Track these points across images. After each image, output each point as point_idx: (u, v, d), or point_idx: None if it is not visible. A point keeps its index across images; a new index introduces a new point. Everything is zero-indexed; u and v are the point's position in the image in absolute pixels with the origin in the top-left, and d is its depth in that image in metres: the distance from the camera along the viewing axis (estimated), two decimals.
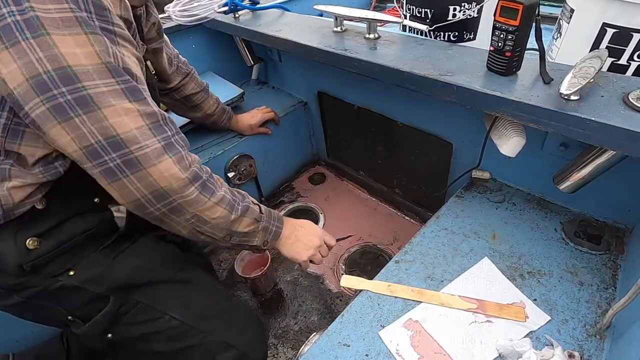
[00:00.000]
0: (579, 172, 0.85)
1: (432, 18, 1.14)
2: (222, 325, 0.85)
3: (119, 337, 0.77)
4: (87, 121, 0.54)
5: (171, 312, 0.79)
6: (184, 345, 0.80)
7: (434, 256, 0.95)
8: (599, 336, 0.76)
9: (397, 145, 1.39)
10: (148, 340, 0.79)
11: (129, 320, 0.77)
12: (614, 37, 0.88)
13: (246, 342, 0.87)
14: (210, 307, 0.85)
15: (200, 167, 0.68)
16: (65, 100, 0.52)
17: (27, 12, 0.49)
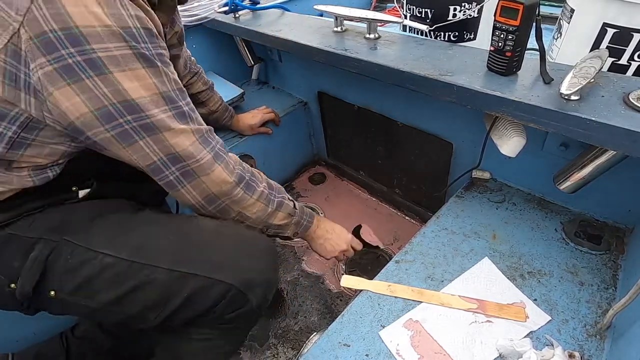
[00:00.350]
0: (579, 172, 0.85)
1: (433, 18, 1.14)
2: (178, 254, 0.69)
3: (62, 295, 0.66)
4: (152, 144, 0.63)
5: (104, 249, 0.66)
6: (129, 286, 0.66)
7: (434, 256, 0.95)
8: (599, 336, 0.76)
9: (397, 145, 1.39)
10: (91, 291, 0.66)
11: (62, 267, 0.65)
12: (614, 37, 0.88)
13: (220, 268, 0.70)
14: (154, 236, 0.70)
15: (242, 168, 0.77)
16: (131, 126, 0.59)
17: (87, 53, 0.52)
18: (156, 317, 0.70)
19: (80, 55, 0.52)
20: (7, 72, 0.52)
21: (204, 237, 0.72)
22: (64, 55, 0.51)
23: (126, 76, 0.56)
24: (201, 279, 0.68)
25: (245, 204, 0.76)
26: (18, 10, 0.49)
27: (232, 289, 0.69)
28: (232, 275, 0.70)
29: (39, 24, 0.49)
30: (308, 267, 1.38)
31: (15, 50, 0.51)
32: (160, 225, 0.72)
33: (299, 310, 1.24)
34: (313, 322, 1.21)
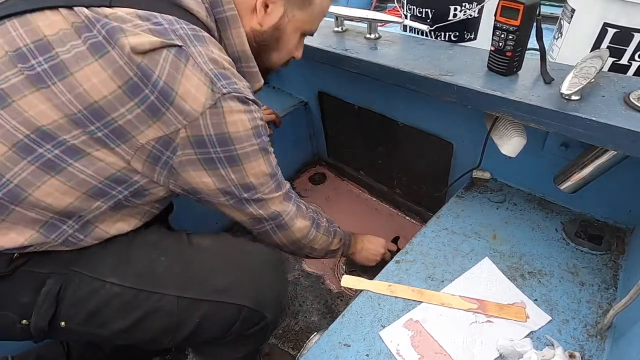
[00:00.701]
0: (580, 172, 0.85)
1: (433, 18, 1.14)
2: (183, 279, 0.70)
3: (73, 325, 0.66)
4: (259, 209, 0.75)
5: (110, 278, 0.67)
6: (138, 315, 0.67)
7: (435, 256, 0.95)
8: (599, 336, 0.76)
9: (397, 145, 1.39)
10: (101, 321, 0.67)
11: (71, 298, 0.65)
12: (615, 37, 0.88)
13: (229, 290, 0.70)
14: (157, 262, 0.70)
15: (310, 209, 0.90)
16: (245, 199, 0.72)
17: (230, 152, 0.65)
18: (170, 341, 0.71)
19: (224, 153, 0.64)
20: (152, 154, 0.61)
21: (210, 259, 0.74)
22: (210, 151, 0.63)
23: (250, 165, 0.68)
24: (211, 304, 0.70)
25: (316, 240, 0.90)
26: (187, 117, 0.59)
27: (244, 309, 0.71)
28: (242, 295, 0.71)
29: (200, 129, 0.60)
30: (308, 267, 1.38)
31: (168, 141, 0.60)
32: (164, 249, 0.72)
33: (299, 310, 1.24)
34: (313, 322, 1.21)
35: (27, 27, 0.55)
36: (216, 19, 0.68)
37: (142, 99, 0.56)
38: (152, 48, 0.55)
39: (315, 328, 1.19)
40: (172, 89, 0.56)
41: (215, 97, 0.59)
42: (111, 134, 0.58)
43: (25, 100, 0.54)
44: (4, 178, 0.56)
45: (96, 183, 0.61)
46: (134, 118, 0.57)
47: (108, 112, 0.56)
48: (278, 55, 0.79)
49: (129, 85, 0.55)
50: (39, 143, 0.56)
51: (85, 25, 0.55)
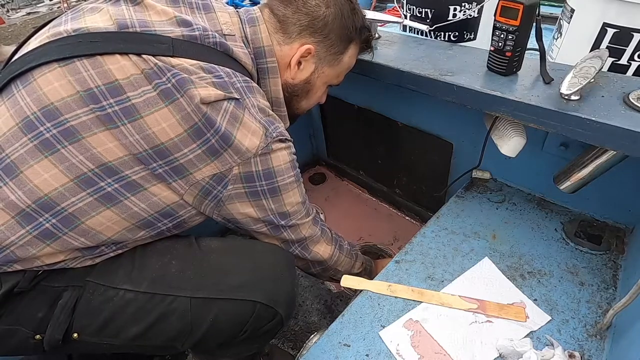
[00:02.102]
0: (580, 172, 0.85)
1: (433, 18, 1.14)
2: (197, 280, 0.71)
3: (85, 337, 0.67)
4: (292, 234, 0.82)
5: (123, 285, 0.68)
6: (152, 319, 0.68)
7: (434, 256, 0.95)
8: (599, 336, 0.76)
9: (397, 145, 1.39)
10: (114, 330, 0.68)
11: (84, 309, 0.66)
12: (614, 37, 0.88)
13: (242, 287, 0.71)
14: (170, 265, 0.72)
15: (337, 234, 0.96)
16: (282, 225, 0.78)
17: (273, 183, 0.71)
18: (183, 345, 0.72)
19: (267, 185, 0.71)
20: (204, 188, 0.67)
21: (220, 259, 0.75)
22: (256, 185, 0.70)
23: (287, 195, 0.75)
24: (224, 302, 0.71)
25: (339, 261, 0.94)
26: (241, 156, 0.65)
27: (258, 305, 0.72)
28: (255, 292, 0.72)
29: (250, 166, 0.67)
30: None
31: (221, 177, 0.66)
32: (174, 254, 0.74)
33: (299, 310, 1.24)
34: (313, 322, 1.21)
35: (99, 69, 0.58)
36: (257, 68, 0.77)
37: (204, 141, 0.62)
38: (216, 100, 0.62)
39: (315, 328, 1.19)
40: (231, 134, 0.63)
41: (268, 141, 0.67)
42: (171, 171, 0.63)
43: (95, 137, 0.58)
44: (59, 206, 0.60)
45: (146, 216, 0.66)
46: (194, 157, 0.63)
47: (172, 152, 0.62)
48: (307, 104, 0.91)
49: (194, 129, 0.61)
50: (101, 177, 0.60)
51: (154, 72, 0.59)
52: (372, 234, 1.49)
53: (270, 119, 0.70)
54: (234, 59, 0.70)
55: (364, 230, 1.50)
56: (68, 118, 0.57)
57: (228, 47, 0.69)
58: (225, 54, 0.69)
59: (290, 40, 0.77)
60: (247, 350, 0.82)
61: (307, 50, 0.77)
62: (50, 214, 0.60)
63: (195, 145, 0.62)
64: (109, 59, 0.59)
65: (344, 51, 0.83)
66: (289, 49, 0.78)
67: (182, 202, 0.68)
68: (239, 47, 0.72)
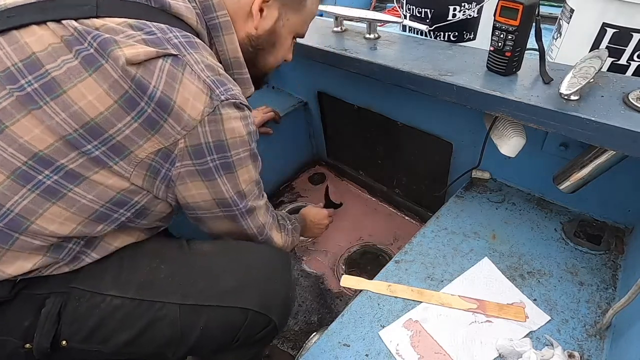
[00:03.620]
0: (579, 172, 0.85)
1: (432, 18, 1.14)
2: (186, 286, 0.68)
3: (74, 344, 0.64)
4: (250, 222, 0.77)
5: (110, 291, 0.65)
6: (141, 325, 0.65)
7: (434, 256, 0.95)
8: (599, 336, 0.76)
9: (397, 145, 1.39)
10: (103, 337, 0.65)
11: (71, 316, 0.64)
12: (614, 37, 0.88)
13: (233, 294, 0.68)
14: (159, 270, 0.68)
15: (280, 216, 0.93)
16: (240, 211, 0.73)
17: (226, 158, 0.64)
18: (174, 354, 0.69)
19: (220, 159, 0.64)
20: (151, 167, 0.61)
21: (212, 263, 0.72)
22: (207, 160, 0.63)
23: (242, 172, 0.69)
24: (215, 309, 0.67)
25: (286, 243, 0.90)
26: (185, 127, 0.58)
27: (250, 312, 0.69)
28: (246, 298, 0.69)
29: (198, 138, 0.60)
30: (308, 267, 1.38)
31: (166, 153, 0.60)
32: (164, 257, 0.70)
33: (299, 310, 1.24)
34: (313, 322, 1.21)
35: (15, 44, 0.52)
36: (208, 26, 0.68)
37: (139, 112, 0.55)
38: (147, 58, 0.54)
39: (315, 328, 1.19)
40: (169, 98, 0.55)
41: (214, 105, 0.59)
42: (109, 152, 0.57)
43: (18, 125, 0.52)
44: (4, 207, 0.54)
45: (98, 207, 0.60)
46: (132, 133, 0.56)
47: (105, 129, 0.55)
48: (274, 59, 0.80)
49: (125, 98, 0.54)
50: (37, 170, 0.55)
51: (75, 38, 0.53)
52: (372, 234, 1.49)
53: (222, 78, 0.62)
54: (172, 15, 0.62)
55: (364, 230, 1.50)
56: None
57: (164, 1, 0.61)
58: (162, 9, 0.61)
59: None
60: (242, 356, 0.80)
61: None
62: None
63: (130, 117, 0.55)
64: (25, 31, 0.53)
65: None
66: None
67: (133, 187, 0.61)
68: (180, 2, 0.63)
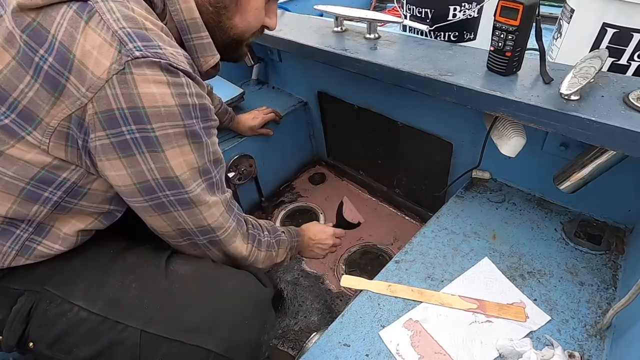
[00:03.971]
0: (579, 172, 0.85)
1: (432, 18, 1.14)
2: (152, 311, 0.62)
3: (40, 348, 0.63)
4: (186, 216, 0.63)
5: (79, 302, 0.61)
6: (102, 344, 0.61)
7: (434, 256, 0.95)
8: (599, 336, 0.76)
9: (397, 145, 1.39)
10: (66, 346, 0.62)
11: (40, 319, 0.62)
12: (614, 37, 0.88)
13: (197, 330, 0.62)
14: (131, 288, 0.64)
15: (251, 226, 0.80)
16: (169, 200, 0.60)
17: (146, 131, 0.53)
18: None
19: (139, 132, 0.53)
20: (69, 136, 0.53)
21: (184, 291, 0.65)
22: (123, 131, 0.52)
23: (174, 153, 0.57)
24: (175, 344, 0.61)
25: (258, 259, 0.79)
26: (90, 87, 0.49)
27: (211, 354, 0.61)
28: (210, 338, 0.62)
29: (109, 101, 0.50)
30: (308, 267, 1.38)
31: (78, 121, 0.52)
32: (138, 275, 0.65)
33: (299, 310, 1.24)
34: (313, 322, 1.21)
35: None
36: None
37: (36, 69, 0.48)
38: (48, 3, 0.47)
39: (315, 328, 1.19)
40: (68, 51, 0.47)
41: (123, 61, 0.49)
42: (18, 119, 0.51)
43: None
44: None
45: (24, 185, 0.56)
46: (35, 95, 0.49)
47: (8, 92, 0.49)
48: (243, 19, 0.67)
49: (22, 53, 0.47)
50: None
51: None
52: (372, 234, 1.49)
53: (146, 33, 0.52)
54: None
55: (364, 230, 1.50)
56: None
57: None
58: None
59: None
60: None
61: None
62: None
63: (29, 76, 0.48)
64: None
65: None
66: None
67: (57, 161, 0.55)
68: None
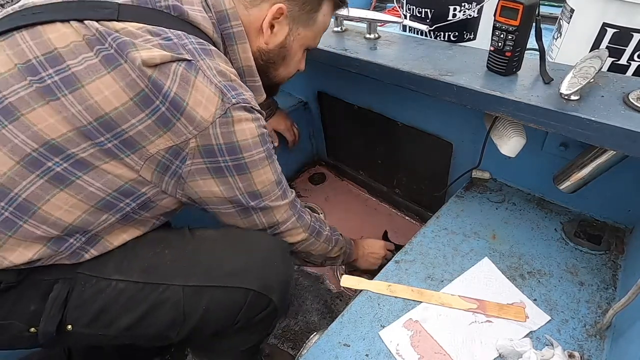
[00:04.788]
0: (579, 172, 0.85)
1: (432, 18, 1.14)
2: (189, 269, 0.70)
3: (78, 328, 0.66)
4: (263, 218, 0.76)
5: (115, 276, 0.67)
6: (144, 309, 0.67)
7: (434, 256, 0.95)
8: (599, 336, 0.76)
9: (397, 145, 1.39)
10: (107, 320, 0.67)
11: (77, 300, 0.66)
12: (614, 37, 0.88)
13: (234, 275, 0.70)
14: (163, 254, 0.71)
15: (314, 218, 0.90)
16: (252, 207, 0.73)
17: (238, 160, 0.66)
18: (177, 334, 0.71)
19: (232, 161, 0.65)
20: (160, 163, 0.62)
21: (214, 248, 0.74)
22: (219, 160, 0.64)
23: (258, 173, 0.69)
24: (216, 289, 0.69)
25: (313, 247, 0.90)
26: (197, 127, 0.60)
27: (251, 292, 0.70)
28: (248, 279, 0.71)
29: (210, 138, 0.62)
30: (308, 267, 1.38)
31: (177, 151, 0.61)
32: (167, 244, 0.72)
33: (299, 310, 1.24)
34: (313, 322, 1.21)
35: (38, 39, 0.55)
36: (223, 35, 0.71)
37: (153, 110, 0.58)
38: (163, 62, 0.57)
39: (315, 328, 1.19)
40: (182, 99, 0.58)
41: (225, 107, 0.61)
42: (121, 145, 0.59)
43: (34, 113, 0.55)
44: (12, 192, 0.57)
45: (104, 196, 0.62)
46: (144, 129, 0.58)
47: (119, 124, 0.57)
48: (285, 71, 0.84)
49: (141, 96, 0.57)
50: (47, 157, 0.57)
51: (96, 38, 0.56)
52: (372, 234, 1.49)
53: (233, 84, 0.64)
54: (190, 23, 0.65)
55: (364, 231, 1.49)
56: (6, 95, 0.54)
57: (183, 10, 0.64)
58: (180, 18, 0.64)
59: (258, 2, 0.71)
60: (242, 343, 0.82)
61: (279, 11, 0.71)
62: (6, 202, 0.57)
63: (144, 114, 0.58)
64: (49, 27, 0.56)
65: (318, 9, 0.77)
66: (258, 12, 0.71)
67: (140, 178, 0.64)
68: (197, 11, 0.66)
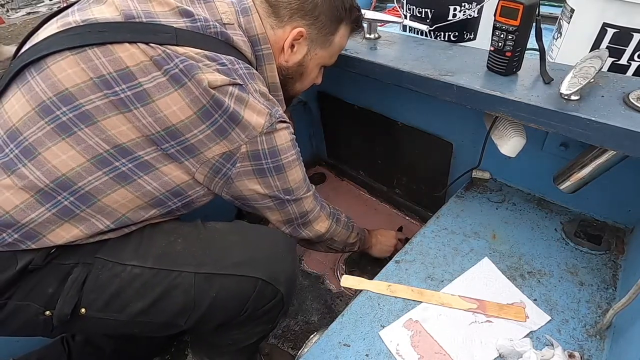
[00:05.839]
0: (579, 172, 0.85)
1: (433, 18, 1.14)
2: (201, 257, 0.74)
3: (92, 312, 0.69)
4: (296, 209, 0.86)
5: (131, 261, 0.71)
6: (156, 294, 0.70)
7: (434, 256, 0.95)
8: (599, 336, 0.76)
9: (397, 145, 1.39)
10: (120, 305, 0.70)
11: (92, 284, 0.69)
12: (614, 37, 0.88)
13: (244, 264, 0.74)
14: (176, 243, 0.75)
15: (334, 208, 1.01)
16: (287, 200, 0.83)
17: (277, 161, 0.76)
18: (186, 322, 0.74)
19: (273, 163, 0.75)
20: (214, 167, 0.71)
21: (224, 238, 0.79)
22: (263, 163, 0.74)
23: (290, 172, 0.79)
24: (227, 277, 0.73)
25: (336, 233, 0.99)
26: (248, 135, 0.70)
27: (260, 282, 0.74)
28: (256, 269, 0.75)
29: (257, 145, 0.72)
30: (308, 267, 1.38)
31: (230, 155, 0.71)
32: (180, 234, 0.77)
33: (299, 310, 1.24)
34: (313, 322, 1.21)
35: (110, 56, 0.62)
36: (255, 56, 0.80)
37: (213, 122, 0.67)
38: (222, 85, 0.66)
39: (315, 328, 1.18)
40: (239, 113, 0.68)
41: (272, 121, 0.72)
42: (183, 150, 0.68)
43: (109, 120, 0.63)
44: (76, 185, 0.64)
45: (158, 194, 0.71)
46: (204, 137, 0.67)
47: (183, 133, 0.66)
48: (301, 85, 0.94)
49: (203, 111, 0.66)
50: (116, 157, 0.65)
51: (163, 59, 0.63)
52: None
53: (271, 102, 0.75)
54: (234, 47, 0.74)
55: None
56: (83, 102, 0.61)
57: (229, 36, 0.73)
58: (227, 42, 0.73)
59: (282, 24, 0.80)
60: (245, 337, 0.84)
61: (299, 33, 0.80)
62: (69, 192, 0.64)
63: (204, 126, 0.67)
64: (119, 47, 0.63)
65: (335, 32, 0.85)
66: (282, 33, 0.80)
67: (192, 181, 0.73)
68: (239, 36, 0.75)
